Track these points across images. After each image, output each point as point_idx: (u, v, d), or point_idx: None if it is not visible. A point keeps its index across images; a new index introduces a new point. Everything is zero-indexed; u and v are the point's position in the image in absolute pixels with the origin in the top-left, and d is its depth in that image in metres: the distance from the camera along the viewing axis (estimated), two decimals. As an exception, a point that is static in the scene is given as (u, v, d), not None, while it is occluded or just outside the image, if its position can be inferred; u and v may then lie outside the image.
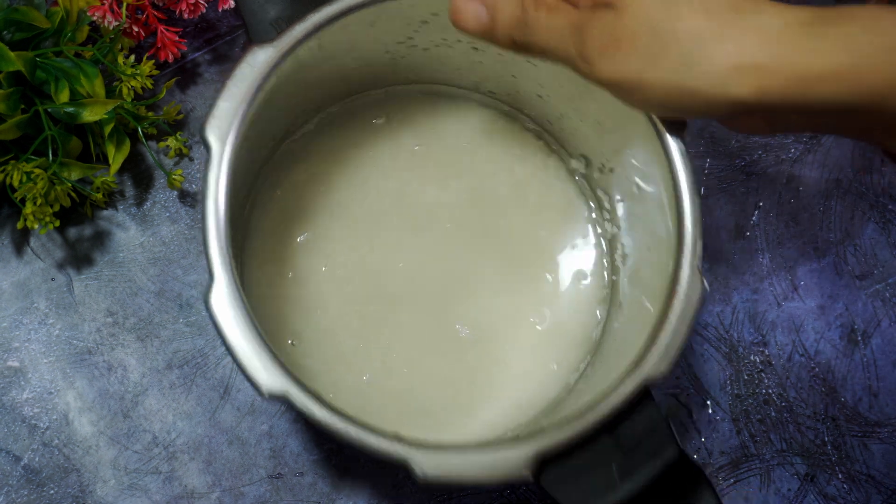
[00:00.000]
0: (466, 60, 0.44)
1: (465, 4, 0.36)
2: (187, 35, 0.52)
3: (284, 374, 0.33)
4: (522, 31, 0.36)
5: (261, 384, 0.33)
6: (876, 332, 0.52)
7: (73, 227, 0.48)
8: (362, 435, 0.33)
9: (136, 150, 0.50)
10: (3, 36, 0.45)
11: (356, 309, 0.45)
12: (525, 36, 0.36)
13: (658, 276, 0.38)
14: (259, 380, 0.33)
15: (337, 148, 0.47)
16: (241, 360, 0.33)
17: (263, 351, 0.33)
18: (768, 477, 0.49)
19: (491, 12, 0.36)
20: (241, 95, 0.36)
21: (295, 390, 0.33)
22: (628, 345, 0.39)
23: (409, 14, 0.40)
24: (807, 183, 0.54)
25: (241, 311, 0.33)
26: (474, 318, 0.46)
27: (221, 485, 0.46)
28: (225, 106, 0.36)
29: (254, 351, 0.33)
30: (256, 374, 0.33)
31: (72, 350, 0.47)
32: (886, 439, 0.50)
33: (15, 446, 0.45)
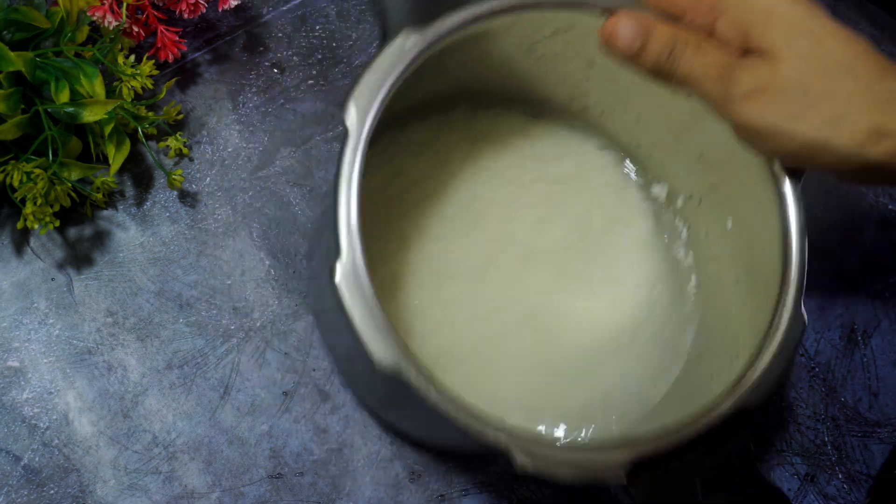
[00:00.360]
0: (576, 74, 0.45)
1: (623, 26, 0.37)
2: (187, 35, 0.52)
3: (401, 351, 0.34)
4: (667, 61, 0.37)
5: (377, 357, 0.33)
6: (876, 332, 0.52)
7: (73, 227, 0.49)
8: (471, 421, 0.33)
9: (136, 150, 0.50)
10: (3, 36, 0.45)
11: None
12: (670, 66, 0.37)
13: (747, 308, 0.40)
14: (376, 353, 0.33)
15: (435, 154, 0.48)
16: (362, 334, 0.34)
17: (386, 328, 0.34)
18: (768, 477, 0.49)
19: (644, 38, 0.37)
20: (385, 72, 0.36)
21: (410, 368, 0.33)
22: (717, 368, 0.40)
23: (541, 24, 0.41)
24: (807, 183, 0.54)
25: (366, 287, 0.34)
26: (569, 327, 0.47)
27: (221, 485, 0.46)
28: (371, 79, 0.36)
29: (375, 326, 0.34)
30: (373, 348, 0.33)
31: (72, 350, 0.47)
32: (886, 439, 0.50)
33: (15, 446, 0.45)
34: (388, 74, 0.36)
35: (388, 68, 0.36)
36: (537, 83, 0.47)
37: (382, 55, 0.37)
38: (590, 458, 0.34)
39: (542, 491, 0.47)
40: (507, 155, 0.49)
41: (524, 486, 0.47)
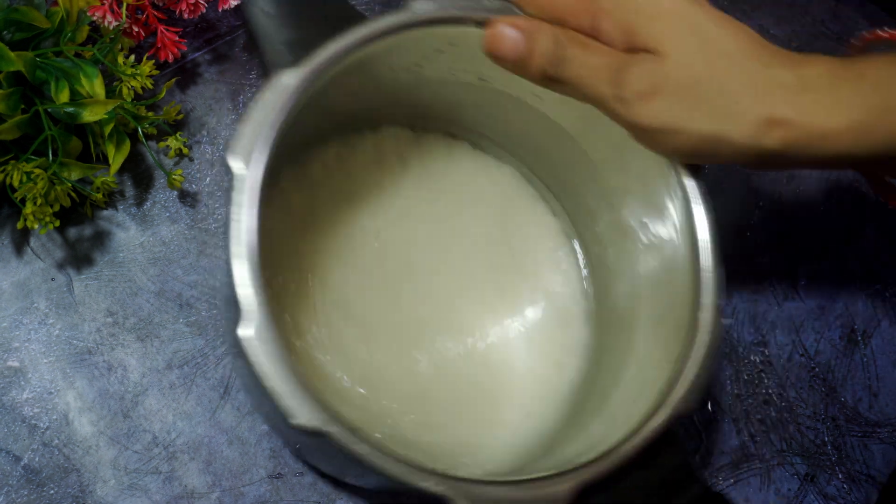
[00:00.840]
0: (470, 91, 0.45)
1: (504, 32, 0.36)
2: (187, 35, 0.52)
3: (323, 411, 0.32)
4: (556, 66, 0.36)
5: (298, 420, 0.32)
6: (876, 332, 0.52)
7: (73, 227, 0.49)
8: (406, 473, 0.32)
9: (136, 150, 0.50)
10: (3, 36, 0.45)
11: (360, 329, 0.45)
12: (558, 71, 0.36)
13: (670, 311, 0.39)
14: (297, 416, 0.32)
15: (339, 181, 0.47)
16: (277, 396, 0.32)
17: (301, 387, 0.32)
18: (768, 477, 0.49)
19: (528, 43, 0.36)
20: (265, 120, 0.35)
21: (336, 428, 0.32)
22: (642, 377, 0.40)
23: (426, 42, 0.40)
24: (807, 183, 0.54)
25: (276, 345, 0.32)
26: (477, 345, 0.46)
27: (221, 485, 0.46)
28: (249, 131, 0.35)
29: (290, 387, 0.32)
30: (295, 411, 0.32)
31: (72, 350, 0.47)
32: (886, 439, 0.50)
33: (15, 446, 0.45)
34: (267, 120, 0.35)
35: (268, 112, 0.35)
36: (435, 102, 0.46)
37: (260, 100, 0.35)
38: (533, 494, 0.34)
39: None
40: (411, 174, 0.48)
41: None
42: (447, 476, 0.33)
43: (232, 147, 0.34)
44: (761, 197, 0.53)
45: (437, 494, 0.33)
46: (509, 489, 0.34)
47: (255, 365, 0.32)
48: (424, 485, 0.32)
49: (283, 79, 0.36)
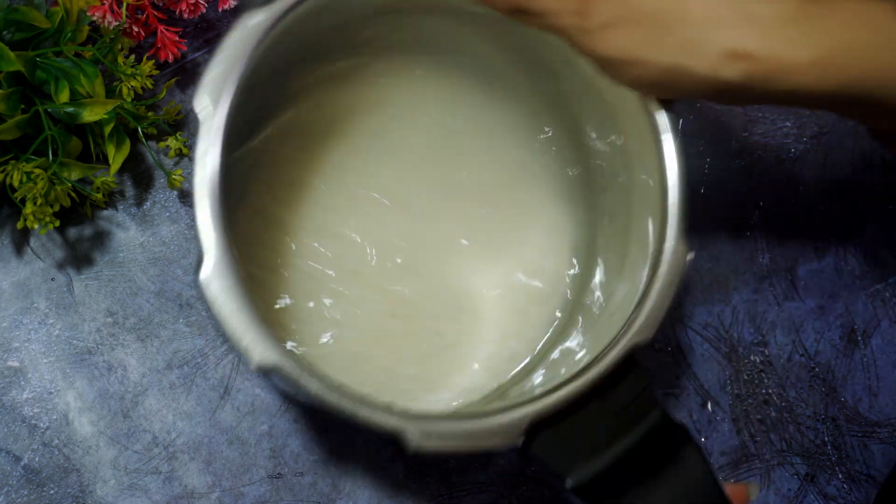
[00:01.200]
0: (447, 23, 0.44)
1: None
2: (187, 35, 0.52)
3: (278, 347, 0.33)
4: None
5: (253, 356, 0.32)
6: (876, 332, 0.52)
7: (73, 227, 0.49)
8: (356, 407, 0.33)
9: (136, 150, 0.50)
10: (3, 36, 0.45)
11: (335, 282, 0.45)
12: (527, 3, 0.36)
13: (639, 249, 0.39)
14: (252, 352, 0.32)
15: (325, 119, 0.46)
16: (234, 333, 0.32)
17: (258, 324, 0.33)
18: (768, 477, 0.49)
19: None
20: (232, 60, 0.35)
21: (288, 363, 0.32)
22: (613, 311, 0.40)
23: None
24: (807, 183, 0.54)
25: (235, 283, 0.33)
26: (449, 287, 0.46)
27: (221, 485, 0.46)
28: (217, 71, 0.35)
29: (248, 324, 0.33)
30: (251, 348, 0.32)
31: (72, 350, 0.47)
32: (886, 439, 0.50)
33: (15, 446, 0.45)
34: (235, 61, 0.35)
35: (235, 53, 0.35)
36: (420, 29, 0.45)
37: (227, 41, 0.35)
38: (485, 425, 0.34)
39: (542, 492, 0.47)
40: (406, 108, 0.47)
41: (524, 485, 0.47)
42: (397, 411, 0.33)
43: (201, 86, 0.34)
44: (761, 197, 0.53)
45: (388, 428, 0.33)
46: (461, 422, 0.34)
47: (212, 306, 0.32)
48: (375, 418, 0.33)
49: (251, 18, 0.36)
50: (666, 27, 0.35)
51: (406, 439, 0.33)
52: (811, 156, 0.54)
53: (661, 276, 0.37)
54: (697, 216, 0.53)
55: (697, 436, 0.49)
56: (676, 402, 0.50)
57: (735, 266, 0.52)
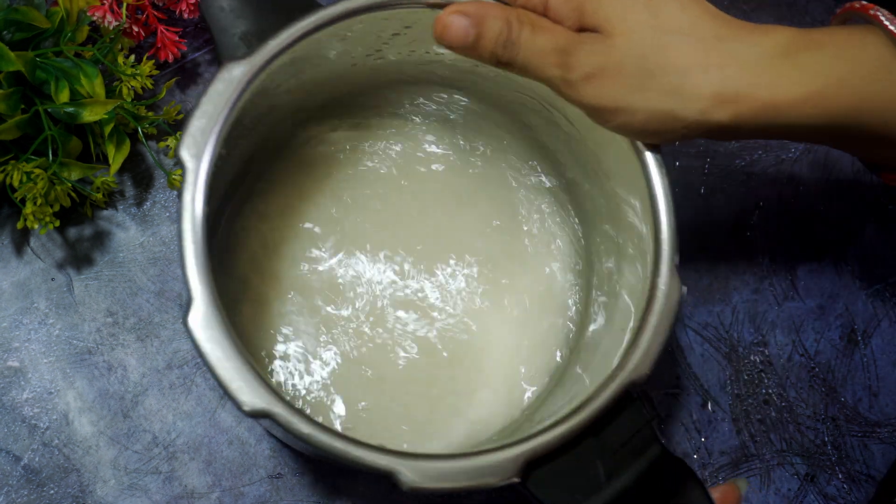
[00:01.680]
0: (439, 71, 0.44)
1: (453, 20, 0.36)
2: (187, 35, 0.52)
3: (268, 392, 0.33)
4: (505, 49, 0.36)
5: (243, 402, 0.33)
6: (876, 332, 0.52)
7: (73, 227, 0.49)
8: (349, 448, 0.33)
9: (136, 150, 0.50)
10: (3, 36, 0.45)
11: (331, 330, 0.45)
12: (509, 55, 0.36)
13: (638, 280, 0.39)
14: (242, 398, 0.33)
15: (308, 169, 0.47)
16: (223, 379, 0.33)
17: (247, 369, 0.33)
18: (768, 477, 0.49)
19: (477, 29, 0.36)
20: (215, 112, 0.36)
21: (279, 408, 0.33)
22: (610, 346, 0.39)
23: (381, 27, 0.40)
24: (807, 183, 0.54)
25: (222, 330, 0.33)
26: (446, 330, 0.46)
27: (221, 485, 0.46)
28: (199, 124, 0.35)
29: (236, 370, 0.33)
30: (239, 393, 0.33)
31: (72, 350, 0.47)
32: (886, 439, 0.50)
33: (15, 446, 0.45)
34: (217, 113, 0.36)
35: (217, 105, 0.36)
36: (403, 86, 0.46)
37: (210, 92, 0.36)
38: (480, 463, 0.34)
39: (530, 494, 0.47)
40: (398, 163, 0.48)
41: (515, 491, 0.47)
42: (391, 451, 0.33)
43: (184, 139, 0.35)
44: (761, 197, 0.53)
45: (380, 468, 0.33)
46: (455, 461, 0.34)
47: (200, 352, 0.33)
48: (367, 458, 0.33)
49: (232, 70, 0.36)
50: (649, 74, 0.35)
51: (399, 480, 0.33)
52: (811, 156, 0.54)
53: (655, 311, 0.36)
54: (697, 216, 0.53)
55: (698, 436, 0.49)
56: (676, 402, 0.50)
57: (735, 266, 0.52)
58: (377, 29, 0.40)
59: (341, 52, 0.41)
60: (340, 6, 0.38)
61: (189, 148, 0.35)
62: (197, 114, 0.36)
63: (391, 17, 0.39)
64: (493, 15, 0.36)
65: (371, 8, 0.38)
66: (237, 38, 0.38)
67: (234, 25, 0.39)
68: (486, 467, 0.34)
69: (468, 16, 0.36)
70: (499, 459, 0.34)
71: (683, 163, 0.53)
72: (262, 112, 0.41)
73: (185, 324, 0.33)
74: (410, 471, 0.33)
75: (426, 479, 0.33)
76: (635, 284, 0.39)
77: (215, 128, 0.35)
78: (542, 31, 0.36)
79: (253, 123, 0.40)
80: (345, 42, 0.40)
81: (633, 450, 0.35)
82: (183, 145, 0.35)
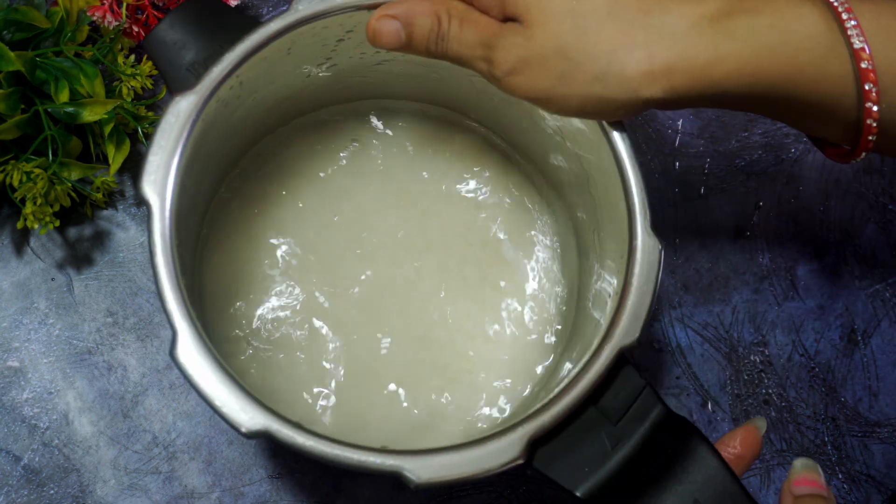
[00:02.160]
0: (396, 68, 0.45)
1: (382, 24, 0.37)
2: (187, 35, 0.52)
3: (263, 410, 0.33)
4: (437, 44, 0.37)
5: (241, 424, 0.33)
6: (876, 332, 0.52)
7: (73, 227, 0.49)
8: (351, 454, 0.33)
9: (136, 149, 0.50)
10: (3, 36, 0.45)
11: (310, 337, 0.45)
12: (440, 48, 0.37)
13: (619, 246, 0.39)
14: (239, 421, 0.33)
15: (277, 181, 0.47)
16: (218, 407, 0.33)
17: (239, 393, 0.33)
18: (768, 477, 0.49)
19: (408, 29, 0.37)
20: (170, 147, 0.36)
21: (276, 425, 0.33)
22: (597, 318, 0.40)
23: (323, 35, 0.40)
24: (807, 183, 0.54)
25: (210, 358, 0.34)
26: (434, 321, 0.46)
27: (221, 485, 0.46)
28: (156, 160, 0.36)
29: (229, 393, 0.33)
30: (236, 417, 0.33)
31: (72, 350, 0.47)
32: (886, 439, 0.50)
33: (15, 446, 0.45)
34: (172, 146, 0.36)
35: (174, 138, 0.36)
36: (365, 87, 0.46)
37: (162, 126, 0.36)
38: (484, 450, 0.34)
39: (542, 491, 0.47)
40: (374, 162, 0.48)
41: (524, 485, 0.47)
42: (394, 451, 0.33)
43: (143, 177, 0.36)
44: (761, 197, 0.53)
45: (386, 469, 0.33)
46: (459, 451, 0.34)
47: (190, 382, 0.34)
48: (371, 461, 0.33)
49: (180, 103, 0.37)
50: (573, 63, 0.34)
51: (406, 477, 0.33)
52: (811, 156, 0.54)
53: (636, 273, 0.37)
54: (698, 216, 0.53)
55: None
56: (676, 402, 0.50)
57: (735, 266, 0.52)
58: (320, 38, 0.40)
59: (291, 65, 0.41)
60: (277, 22, 0.38)
61: (150, 185, 0.36)
62: (153, 149, 0.36)
63: (330, 24, 0.39)
64: (422, 12, 0.36)
65: (308, 19, 0.38)
66: (184, 69, 0.39)
67: (179, 57, 0.39)
68: (490, 453, 0.34)
69: (397, 18, 0.37)
70: (503, 443, 0.34)
71: (683, 163, 0.53)
72: (223, 136, 0.41)
73: (173, 357, 0.34)
74: (416, 467, 0.33)
75: (432, 473, 0.33)
76: (614, 250, 0.40)
77: (172, 161, 0.36)
78: (469, 24, 0.36)
79: (216, 148, 0.41)
80: (291, 55, 0.40)
81: (636, 415, 0.35)
82: (144, 182, 0.36)
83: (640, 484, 0.35)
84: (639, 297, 0.36)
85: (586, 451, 0.35)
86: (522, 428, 0.34)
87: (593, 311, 0.42)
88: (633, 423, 0.35)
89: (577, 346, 0.43)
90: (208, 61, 0.38)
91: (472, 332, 0.46)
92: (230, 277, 0.45)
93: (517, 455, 0.34)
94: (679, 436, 0.35)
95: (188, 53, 0.39)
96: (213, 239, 0.45)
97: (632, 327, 0.36)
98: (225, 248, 0.45)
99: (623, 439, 0.35)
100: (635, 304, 0.36)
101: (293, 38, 0.39)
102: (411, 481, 0.33)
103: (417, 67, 0.43)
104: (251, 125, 0.45)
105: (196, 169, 0.38)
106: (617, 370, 0.36)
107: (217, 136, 0.40)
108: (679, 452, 0.35)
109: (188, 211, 0.39)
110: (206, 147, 0.39)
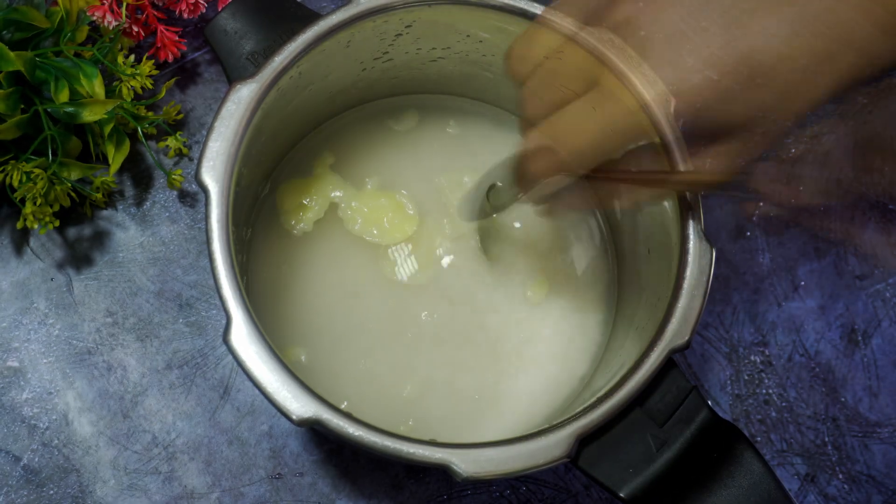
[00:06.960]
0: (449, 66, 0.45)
1: (536, 158, 0.35)
2: (187, 35, 0.52)
3: (315, 399, 0.33)
4: None
5: (292, 412, 0.33)
6: (876, 332, 0.52)
7: (72, 227, 0.48)
8: (400, 445, 0.33)
9: (135, 150, 0.50)
10: (3, 36, 0.45)
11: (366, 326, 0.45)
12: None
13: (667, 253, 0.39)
14: (290, 409, 0.33)
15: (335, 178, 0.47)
16: (269, 394, 0.33)
17: (291, 381, 0.34)
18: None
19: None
20: (229, 134, 0.36)
21: (327, 414, 0.33)
22: (649, 318, 0.40)
23: (383, 29, 0.40)
24: (807, 183, 0.54)
25: (262, 345, 0.34)
26: (486, 322, 0.46)
27: (221, 485, 0.46)
28: (215, 146, 0.36)
29: (281, 382, 0.34)
30: (287, 405, 0.33)
31: (71, 350, 0.47)
32: (887, 439, 0.50)
33: (15, 446, 0.45)
34: (232, 133, 0.36)
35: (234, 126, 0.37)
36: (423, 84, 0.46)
37: (222, 114, 0.37)
38: (532, 447, 0.34)
39: (542, 491, 0.47)
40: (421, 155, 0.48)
41: (524, 485, 0.47)
42: (443, 444, 0.33)
43: (203, 163, 0.36)
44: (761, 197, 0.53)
45: (433, 462, 0.33)
46: (506, 447, 0.34)
47: (243, 369, 0.34)
48: (420, 453, 0.33)
49: (241, 90, 0.37)
50: None
51: (454, 471, 0.33)
52: (811, 156, 0.54)
53: (688, 276, 0.37)
54: (697, 216, 0.53)
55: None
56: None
57: (735, 266, 0.52)
58: (379, 32, 0.40)
59: (348, 58, 0.41)
60: (339, 14, 0.38)
61: (209, 171, 0.36)
62: (213, 136, 0.36)
63: (390, 18, 0.39)
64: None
65: (370, 13, 0.39)
66: (244, 58, 0.39)
67: (239, 47, 0.39)
68: (537, 450, 0.34)
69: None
70: (550, 440, 0.34)
71: (683, 163, 0.53)
72: (277, 127, 0.41)
73: (227, 343, 0.34)
74: (464, 461, 0.33)
75: (479, 468, 0.33)
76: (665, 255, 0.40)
77: (232, 148, 0.36)
78: None
79: (269, 139, 0.41)
80: (350, 48, 0.40)
81: (682, 418, 0.35)
82: (202, 169, 0.36)
83: (684, 488, 0.35)
84: (689, 299, 0.36)
85: (632, 452, 0.35)
86: (571, 426, 0.34)
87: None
88: (679, 425, 0.35)
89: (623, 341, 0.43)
90: (268, 51, 0.38)
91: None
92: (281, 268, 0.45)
93: (564, 452, 0.34)
94: (725, 440, 0.35)
95: (248, 43, 0.39)
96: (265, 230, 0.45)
97: (682, 329, 0.36)
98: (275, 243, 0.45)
99: (668, 442, 0.35)
100: (685, 306, 0.36)
101: (353, 32, 0.39)
102: (458, 474, 0.33)
103: (470, 66, 0.44)
104: (302, 117, 0.45)
105: (253, 158, 0.39)
106: (665, 372, 0.36)
107: (272, 127, 0.40)
108: (724, 457, 0.35)
109: (243, 200, 0.40)
110: (262, 137, 0.39)
